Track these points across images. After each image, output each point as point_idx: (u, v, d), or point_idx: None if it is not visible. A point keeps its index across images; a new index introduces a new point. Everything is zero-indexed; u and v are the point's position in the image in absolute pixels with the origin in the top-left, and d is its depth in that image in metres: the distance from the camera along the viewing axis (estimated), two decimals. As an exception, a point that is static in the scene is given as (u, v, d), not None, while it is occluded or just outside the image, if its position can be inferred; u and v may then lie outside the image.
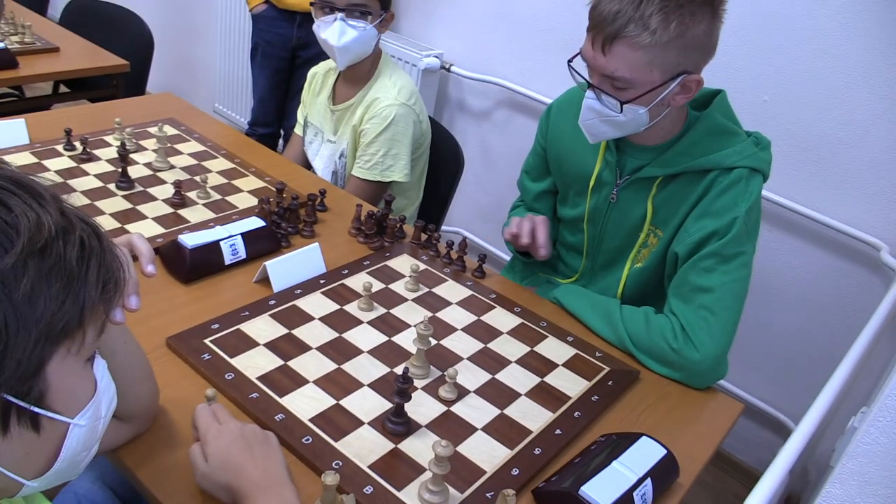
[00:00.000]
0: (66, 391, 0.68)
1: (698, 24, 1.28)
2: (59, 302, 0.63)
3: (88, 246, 0.67)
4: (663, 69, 1.30)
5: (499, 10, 2.74)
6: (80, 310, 0.66)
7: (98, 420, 0.75)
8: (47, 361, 0.64)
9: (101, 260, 0.68)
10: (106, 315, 0.71)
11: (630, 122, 1.38)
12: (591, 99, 1.38)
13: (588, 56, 1.36)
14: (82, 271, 0.66)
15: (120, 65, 2.68)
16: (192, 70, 4.27)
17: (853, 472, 0.98)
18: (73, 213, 0.69)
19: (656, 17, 1.25)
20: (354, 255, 1.60)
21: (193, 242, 1.42)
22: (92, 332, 0.69)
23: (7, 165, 0.68)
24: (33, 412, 0.65)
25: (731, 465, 2.51)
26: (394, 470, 1.06)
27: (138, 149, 1.88)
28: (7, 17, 2.72)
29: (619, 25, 1.27)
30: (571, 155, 1.62)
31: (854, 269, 2.13)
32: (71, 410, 0.70)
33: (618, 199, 1.54)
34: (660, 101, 1.34)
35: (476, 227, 3.08)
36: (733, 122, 1.45)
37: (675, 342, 1.36)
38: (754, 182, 1.40)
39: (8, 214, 0.62)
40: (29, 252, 0.62)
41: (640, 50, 1.27)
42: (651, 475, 1.06)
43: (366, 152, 1.96)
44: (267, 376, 1.19)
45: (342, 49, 1.90)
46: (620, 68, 1.30)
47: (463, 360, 1.32)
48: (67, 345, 0.66)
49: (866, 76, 1.96)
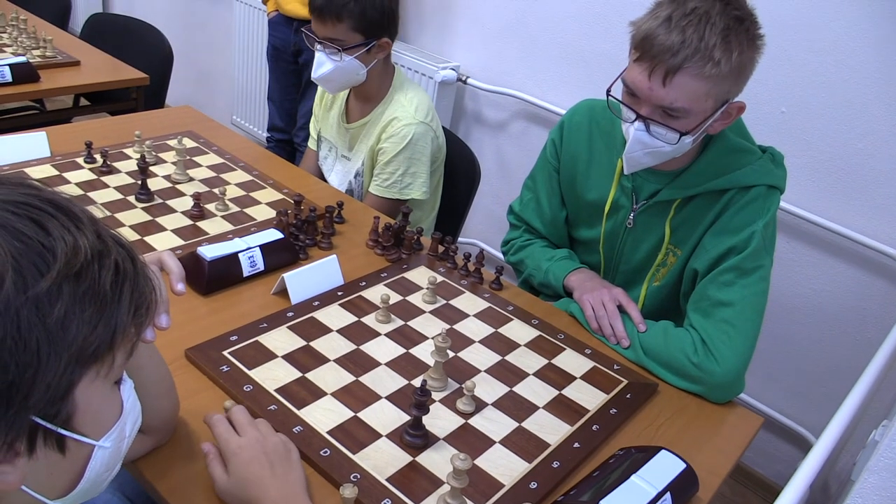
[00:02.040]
0: (92, 413, 0.68)
1: (749, 51, 1.27)
2: (92, 326, 0.63)
3: (123, 270, 0.67)
4: (717, 98, 1.29)
5: (515, 22, 2.75)
6: (111, 334, 0.65)
7: (122, 440, 0.75)
8: (76, 384, 0.64)
9: (134, 284, 0.68)
10: (136, 338, 0.71)
11: (674, 152, 1.35)
12: (641, 131, 1.33)
13: (641, 87, 1.30)
14: (116, 296, 0.66)
15: (140, 78, 2.71)
16: (210, 83, 4.31)
17: (874, 487, 0.97)
18: (110, 235, 0.69)
19: (720, 47, 1.23)
20: (372, 267, 1.60)
21: (212, 254, 1.43)
22: (122, 356, 0.69)
23: (47, 187, 0.68)
24: (60, 434, 0.65)
25: (750, 479, 2.49)
26: (412, 483, 1.06)
27: (158, 161, 1.90)
28: (29, 32, 2.76)
29: (683, 57, 1.23)
30: (586, 179, 1.59)
31: (874, 280, 2.11)
32: (97, 432, 0.70)
33: (635, 224, 1.53)
34: (706, 129, 1.33)
35: (493, 238, 3.07)
36: (746, 140, 1.45)
37: (696, 356, 1.35)
38: (772, 199, 1.40)
39: (46, 238, 0.62)
40: (65, 276, 0.61)
41: (703, 80, 1.25)
42: (670, 489, 1.05)
43: (384, 171, 1.96)
44: (285, 388, 1.20)
45: (320, 79, 1.91)
46: (680, 99, 1.27)
47: (480, 372, 1.32)
48: (97, 368, 0.66)
49: (885, 87, 1.95)
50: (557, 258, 1.64)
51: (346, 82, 1.93)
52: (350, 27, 1.83)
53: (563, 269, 1.60)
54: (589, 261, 1.67)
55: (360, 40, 1.85)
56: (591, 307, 1.48)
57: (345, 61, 1.86)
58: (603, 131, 1.57)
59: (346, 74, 1.89)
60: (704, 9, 1.24)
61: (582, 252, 1.70)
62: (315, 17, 1.85)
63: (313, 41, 1.88)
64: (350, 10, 1.80)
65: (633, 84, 1.32)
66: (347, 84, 1.95)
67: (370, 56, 1.89)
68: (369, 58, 1.89)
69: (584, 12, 2.53)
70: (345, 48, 1.84)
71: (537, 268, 1.65)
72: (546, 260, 1.64)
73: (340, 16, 1.81)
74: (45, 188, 0.67)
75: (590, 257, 1.67)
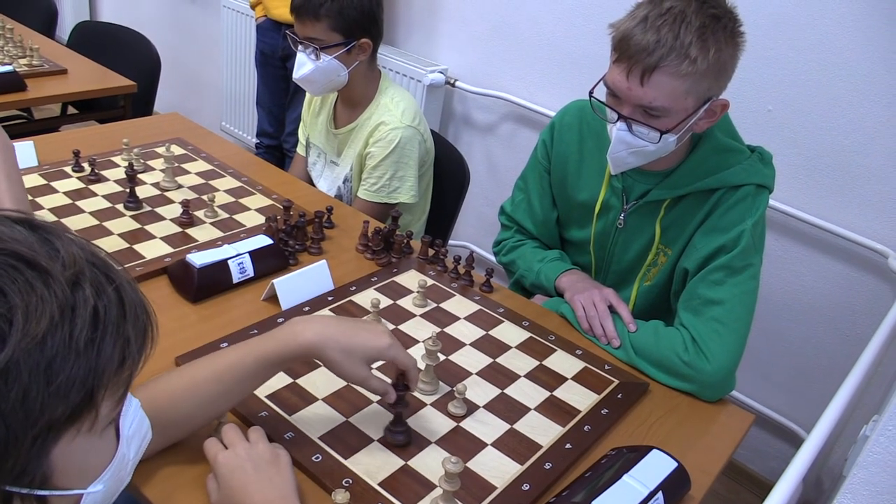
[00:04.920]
0: (75, 468, 0.62)
1: (728, 49, 1.28)
2: (63, 395, 0.56)
3: (104, 319, 0.59)
4: (697, 96, 1.30)
5: (502, 24, 2.76)
6: (89, 394, 0.58)
7: (124, 469, 0.71)
8: (51, 450, 0.58)
9: (119, 331, 0.60)
10: (129, 383, 0.64)
11: (658, 151, 1.36)
12: (623, 131, 1.34)
13: (621, 87, 1.31)
14: (92, 353, 0.57)
15: (127, 86, 2.71)
16: (198, 89, 4.30)
17: (864, 482, 0.98)
18: (95, 273, 0.60)
19: (696, 45, 1.24)
20: (362, 271, 1.60)
21: (201, 261, 1.42)
22: (108, 406, 0.62)
23: (13, 240, 0.58)
24: (37, 495, 0.59)
25: (743, 476, 2.50)
26: (404, 487, 1.06)
27: (146, 169, 1.89)
28: (15, 40, 2.75)
29: (659, 56, 1.24)
30: (577, 179, 1.60)
31: (862, 276, 2.12)
32: (84, 482, 0.65)
33: (625, 224, 1.54)
34: (689, 128, 1.34)
35: (483, 241, 3.08)
36: (735, 139, 1.45)
37: (687, 354, 1.36)
38: (761, 198, 1.41)
39: (2, 304, 0.54)
40: (23, 349, 0.54)
41: (680, 79, 1.26)
42: (662, 488, 1.05)
43: (372, 175, 1.96)
44: (276, 394, 1.19)
45: (301, 80, 1.91)
46: (659, 98, 1.28)
47: (472, 374, 1.32)
48: (77, 427, 0.59)
49: (870, 85, 1.97)
50: (549, 259, 1.64)
51: (327, 84, 1.93)
52: (328, 26, 1.84)
53: (555, 271, 1.60)
54: (580, 261, 1.68)
55: (339, 40, 1.86)
56: (582, 307, 1.49)
57: (324, 62, 1.86)
58: (593, 132, 1.57)
59: (326, 75, 1.90)
60: (680, 8, 1.25)
61: (573, 253, 1.70)
62: (295, 16, 1.87)
63: (296, 42, 1.89)
64: (328, 9, 1.82)
65: (613, 84, 1.33)
66: (329, 86, 1.95)
67: (351, 57, 1.90)
68: (350, 59, 1.90)
69: (571, 14, 2.54)
70: (323, 47, 1.85)
71: (529, 269, 1.65)
72: (538, 261, 1.65)
73: (318, 15, 1.82)
74: (8, 238, 0.58)
75: (581, 258, 1.68)
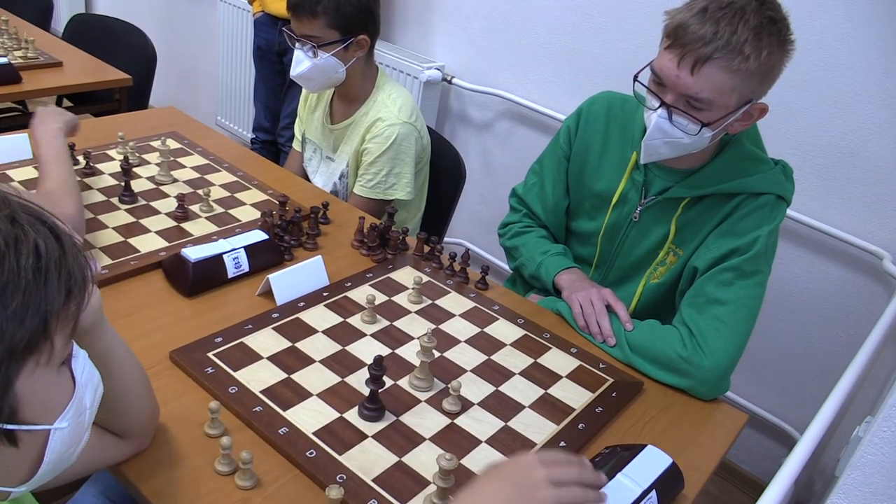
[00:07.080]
0: (40, 401, 0.66)
1: (778, 53, 1.28)
2: (18, 321, 0.60)
3: (46, 252, 0.63)
4: (741, 95, 1.30)
5: (500, 21, 2.75)
6: (43, 322, 0.62)
7: (83, 413, 0.73)
8: (14, 381, 0.62)
9: (62, 264, 0.64)
10: (77, 318, 0.67)
11: (691, 145, 1.35)
12: (663, 119, 1.34)
13: (669, 74, 1.30)
14: (41, 282, 0.62)
15: (123, 79, 2.69)
16: (194, 83, 4.29)
17: (857, 483, 0.98)
18: (28, 216, 0.64)
19: (751, 43, 1.24)
20: (357, 267, 1.60)
21: (196, 256, 1.42)
22: (61, 339, 0.66)
23: None
24: (7, 429, 0.63)
25: (735, 476, 2.50)
26: (398, 483, 1.06)
27: (141, 163, 1.89)
28: (10, 33, 2.74)
29: (714, 47, 1.24)
30: (596, 169, 1.59)
31: (857, 278, 2.12)
32: (49, 417, 0.68)
33: (640, 219, 1.54)
34: (726, 127, 1.34)
35: (478, 238, 3.08)
36: (760, 149, 1.46)
37: (685, 350, 1.36)
38: (779, 209, 1.42)
39: None
40: None
41: (730, 74, 1.26)
42: (656, 487, 1.05)
43: (368, 171, 1.95)
44: (270, 389, 1.19)
45: (298, 78, 1.90)
46: (705, 90, 1.28)
47: (466, 372, 1.32)
48: (35, 358, 0.63)
49: (867, 85, 1.97)
50: (552, 253, 1.64)
51: (325, 81, 1.93)
52: (326, 23, 1.83)
53: (556, 266, 1.60)
54: (583, 254, 1.67)
55: (337, 37, 1.85)
56: (579, 305, 1.49)
57: (322, 59, 1.86)
58: (619, 124, 1.57)
59: (323, 72, 1.89)
60: (740, 4, 1.25)
61: (576, 245, 1.70)
62: (292, 14, 1.85)
63: (293, 40, 1.88)
64: (325, 6, 1.81)
65: (661, 71, 1.33)
66: (327, 83, 1.95)
67: (348, 54, 1.89)
68: (347, 56, 1.89)
69: (569, 12, 2.54)
70: (321, 45, 1.84)
71: (531, 258, 1.65)
72: (541, 252, 1.65)
73: (315, 12, 1.81)
74: None
75: (584, 250, 1.67)
